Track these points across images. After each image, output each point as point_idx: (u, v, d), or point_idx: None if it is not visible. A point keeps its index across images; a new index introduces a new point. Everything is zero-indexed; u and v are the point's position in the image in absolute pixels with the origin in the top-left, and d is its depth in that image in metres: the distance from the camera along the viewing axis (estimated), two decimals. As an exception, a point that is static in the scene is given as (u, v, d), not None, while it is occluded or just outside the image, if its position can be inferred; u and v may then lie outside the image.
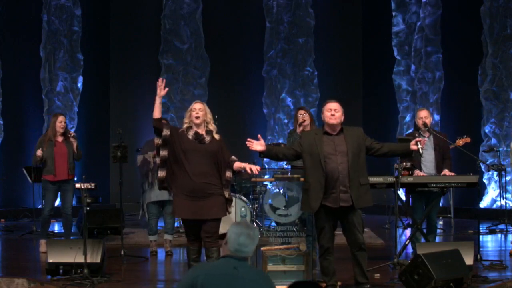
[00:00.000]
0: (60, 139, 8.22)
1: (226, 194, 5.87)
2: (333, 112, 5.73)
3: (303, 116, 7.95)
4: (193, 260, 5.91)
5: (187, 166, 5.77)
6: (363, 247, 5.73)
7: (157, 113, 5.88)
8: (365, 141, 5.74)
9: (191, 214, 5.76)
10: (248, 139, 5.82)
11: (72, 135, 8.30)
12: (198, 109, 5.91)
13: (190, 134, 5.88)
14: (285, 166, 9.06)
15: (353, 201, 5.59)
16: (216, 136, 5.90)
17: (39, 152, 8.08)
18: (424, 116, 7.33)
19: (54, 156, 8.13)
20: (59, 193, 8.32)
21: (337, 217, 5.71)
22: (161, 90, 5.93)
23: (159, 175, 5.92)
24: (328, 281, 5.78)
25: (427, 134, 7.36)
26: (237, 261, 3.46)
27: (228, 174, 5.87)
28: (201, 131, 5.89)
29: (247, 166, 5.80)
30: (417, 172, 7.21)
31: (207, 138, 5.86)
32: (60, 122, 8.23)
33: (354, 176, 5.60)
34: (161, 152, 5.88)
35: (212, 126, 5.93)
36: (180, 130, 5.96)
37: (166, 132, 5.87)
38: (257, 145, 5.77)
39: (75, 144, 8.28)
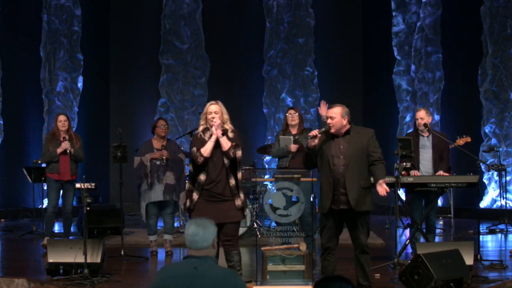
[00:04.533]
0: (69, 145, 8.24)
1: (239, 199, 5.80)
2: (329, 120, 5.65)
3: (292, 116, 7.88)
4: None
5: (205, 169, 5.75)
6: (366, 249, 5.71)
7: (208, 153, 5.78)
8: (368, 146, 5.64)
9: (210, 217, 5.70)
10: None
11: (66, 138, 8.21)
12: (214, 112, 5.83)
13: (207, 137, 5.83)
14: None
15: (351, 204, 5.56)
16: (231, 135, 5.85)
17: (66, 144, 8.07)
18: (420, 117, 7.34)
19: (59, 157, 8.16)
20: (61, 191, 8.35)
21: (342, 218, 5.70)
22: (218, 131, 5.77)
23: (193, 197, 5.82)
24: None
25: (426, 134, 7.37)
26: (198, 260, 3.43)
27: (239, 174, 5.82)
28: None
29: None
30: (413, 171, 7.21)
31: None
32: (59, 121, 8.26)
33: (352, 178, 5.55)
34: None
35: (228, 126, 5.87)
36: (198, 134, 5.89)
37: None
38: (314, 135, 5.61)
39: (77, 145, 8.26)
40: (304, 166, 6.01)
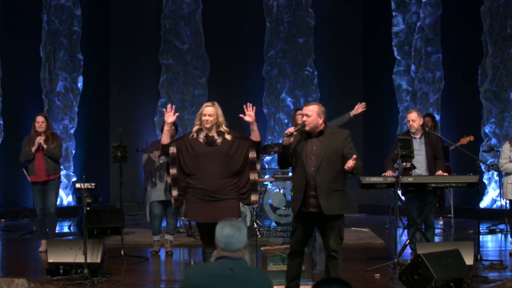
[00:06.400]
0: (42, 140, 8.20)
1: (253, 197, 5.87)
2: (305, 118, 5.47)
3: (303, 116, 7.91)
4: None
5: (199, 170, 5.76)
6: (334, 254, 5.40)
7: (165, 139, 5.87)
8: (342, 148, 5.42)
9: (204, 217, 5.74)
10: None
11: (43, 138, 8.16)
12: (209, 115, 5.83)
13: (201, 137, 5.83)
14: None
15: (321, 207, 5.35)
16: (228, 137, 5.84)
17: (39, 138, 8.05)
18: (412, 119, 7.33)
19: (35, 157, 8.13)
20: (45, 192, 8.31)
21: (313, 222, 5.52)
22: (170, 117, 5.87)
23: (173, 195, 5.91)
24: (287, 283, 5.56)
25: (418, 136, 7.36)
26: (233, 261, 3.43)
27: (253, 176, 5.85)
28: (212, 133, 5.84)
29: (247, 118, 5.86)
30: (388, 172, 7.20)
31: (219, 140, 5.82)
32: (37, 122, 8.21)
33: (323, 181, 5.36)
34: (171, 170, 5.87)
35: (223, 128, 5.86)
36: (190, 135, 5.91)
37: (172, 150, 5.84)
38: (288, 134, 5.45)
39: (53, 144, 8.18)
40: (278, 166, 5.88)
